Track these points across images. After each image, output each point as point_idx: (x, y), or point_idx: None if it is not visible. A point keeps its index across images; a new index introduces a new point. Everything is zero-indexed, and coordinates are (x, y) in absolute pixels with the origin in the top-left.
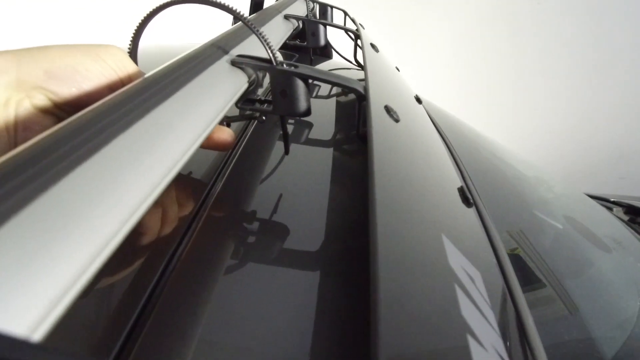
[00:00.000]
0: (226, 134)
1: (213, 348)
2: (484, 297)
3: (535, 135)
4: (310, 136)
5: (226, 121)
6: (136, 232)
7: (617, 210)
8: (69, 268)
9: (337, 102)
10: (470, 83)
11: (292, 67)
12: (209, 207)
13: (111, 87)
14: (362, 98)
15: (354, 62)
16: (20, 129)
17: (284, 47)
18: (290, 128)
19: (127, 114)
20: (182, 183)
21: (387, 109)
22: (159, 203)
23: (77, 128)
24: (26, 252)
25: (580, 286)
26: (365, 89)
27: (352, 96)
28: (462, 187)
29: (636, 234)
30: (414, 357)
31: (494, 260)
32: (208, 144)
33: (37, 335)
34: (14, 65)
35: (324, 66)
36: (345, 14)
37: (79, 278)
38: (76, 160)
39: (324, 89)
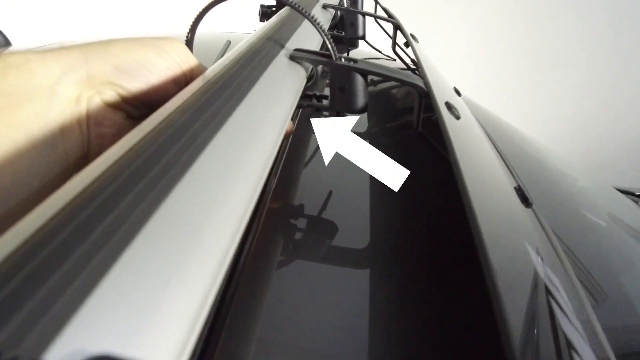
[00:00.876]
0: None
1: (280, 348)
2: (569, 312)
3: (553, 126)
4: (365, 131)
5: None
6: None
7: None
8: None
9: (391, 97)
10: (489, 73)
11: (351, 62)
12: (267, 206)
13: (176, 81)
14: (424, 94)
15: (392, 53)
16: (92, 124)
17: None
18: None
19: (210, 120)
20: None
21: (448, 106)
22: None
23: (165, 140)
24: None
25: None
26: (427, 84)
27: (400, 91)
28: (518, 186)
29: None
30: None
31: (558, 260)
32: None
33: None
34: (82, 62)
35: (359, 54)
36: (377, 2)
37: (203, 307)
38: (173, 178)
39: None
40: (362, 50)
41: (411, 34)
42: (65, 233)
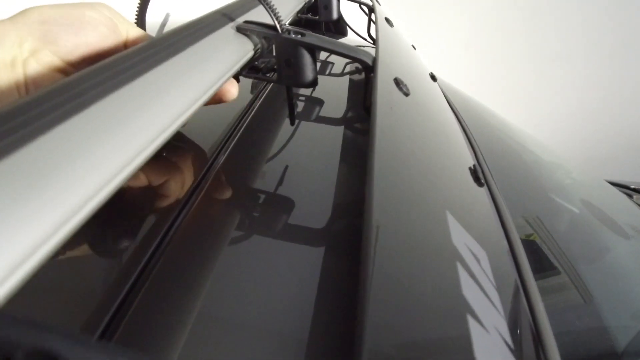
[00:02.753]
0: (231, 85)
1: (205, 323)
2: (490, 278)
3: (554, 119)
4: (319, 108)
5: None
6: (135, 200)
7: (638, 197)
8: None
9: (350, 79)
10: (489, 66)
11: (298, 36)
12: (212, 178)
13: (112, 33)
14: (369, 69)
15: (368, 38)
16: (31, 88)
17: (298, 23)
18: (302, 100)
19: (126, 71)
20: (188, 151)
21: (397, 82)
22: (161, 171)
23: (72, 83)
24: None
25: (596, 274)
26: (374, 60)
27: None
28: (474, 166)
29: None
30: (410, 344)
31: (505, 242)
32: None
33: None
34: (10, 26)
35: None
36: None
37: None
38: (64, 113)
39: (340, 64)
40: (348, 39)
41: (386, 18)
42: None
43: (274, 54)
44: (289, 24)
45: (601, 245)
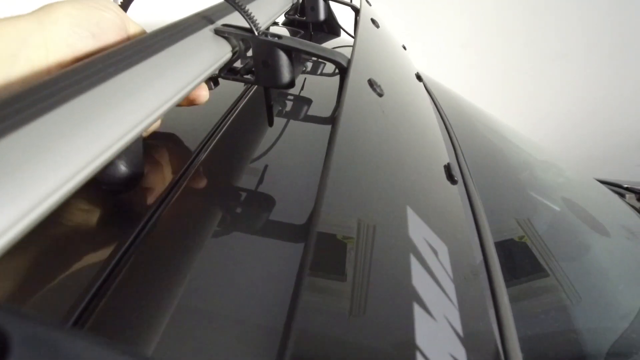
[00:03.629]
0: (202, 89)
1: (180, 314)
2: (449, 275)
3: (551, 119)
4: (300, 110)
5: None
6: (111, 196)
7: (630, 196)
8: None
9: (333, 78)
10: (487, 65)
11: (275, 38)
12: (190, 177)
13: (121, 33)
14: (344, 71)
15: (353, 35)
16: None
17: (291, 24)
18: (286, 101)
19: (103, 71)
20: (169, 148)
21: (371, 83)
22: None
23: (51, 81)
24: None
25: (578, 275)
26: (349, 61)
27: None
28: (448, 164)
29: None
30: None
31: (476, 239)
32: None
33: None
34: (37, 27)
35: (327, 43)
36: None
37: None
38: (42, 109)
39: (329, 66)
40: (340, 39)
41: (372, 19)
42: None
43: (252, 55)
44: (282, 24)
45: (583, 246)
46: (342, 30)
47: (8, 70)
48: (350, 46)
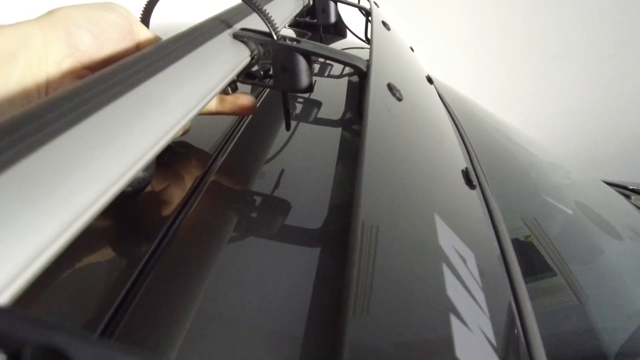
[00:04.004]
0: (247, 100)
1: (203, 322)
2: (477, 280)
3: (553, 119)
4: (315, 114)
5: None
6: (136, 203)
7: (636, 198)
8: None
9: (348, 82)
10: (488, 65)
11: (294, 43)
12: (209, 182)
13: (127, 37)
14: (363, 75)
15: (366, 41)
16: (51, 90)
17: (297, 25)
18: (299, 105)
19: (125, 80)
20: (188, 155)
21: (390, 87)
22: (160, 176)
23: (74, 92)
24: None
25: (589, 275)
26: (368, 66)
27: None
28: (466, 168)
29: None
30: (396, 345)
31: (495, 244)
32: (233, 110)
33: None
34: (37, 29)
35: (336, 45)
36: None
37: (52, 245)
38: (68, 122)
39: (337, 68)
40: (348, 40)
41: (383, 21)
42: None
43: (271, 60)
44: (288, 26)
45: (594, 247)
46: (348, 32)
47: (7, 71)
48: (359, 48)
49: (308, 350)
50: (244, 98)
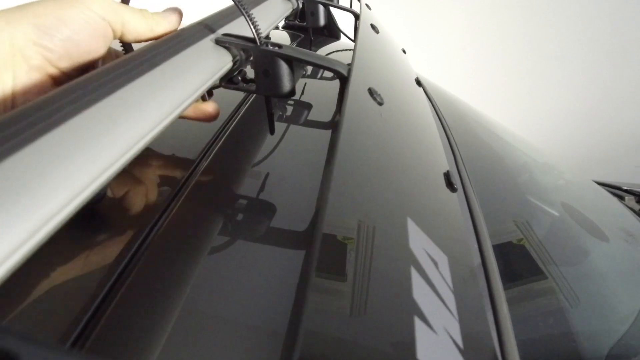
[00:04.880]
0: (211, 107)
1: (180, 327)
2: (449, 283)
3: (549, 120)
4: (301, 117)
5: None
6: (116, 205)
7: (630, 198)
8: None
9: (331, 83)
10: (485, 67)
11: (276, 48)
12: (191, 186)
13: (101, 35)
14: (344, 80)
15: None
16: (19, 93)
17: (290, 28)
18: (286, 108)
19: (103, 87)
20: (171, 157)
21: (371, 91)
22: (140, 180)
23: (52, 98)
24: None
25: (578, 278)
26: (349, 70)
27: None
28: (448, 171)
29: None
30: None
31: (475, 246)
32: (196, 115)
33: None
34: (4, 24)
35: (327, 47)
36: None
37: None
38: (47, 125)
39: (327, 72)
40: (340, 43)
41: (372, 24)
42: None
43: (253, 65)
44: (282, 28)
45: (578, 248)
46: (342, 34)
47: None
48: (350, 50)
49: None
50: (208, 105)
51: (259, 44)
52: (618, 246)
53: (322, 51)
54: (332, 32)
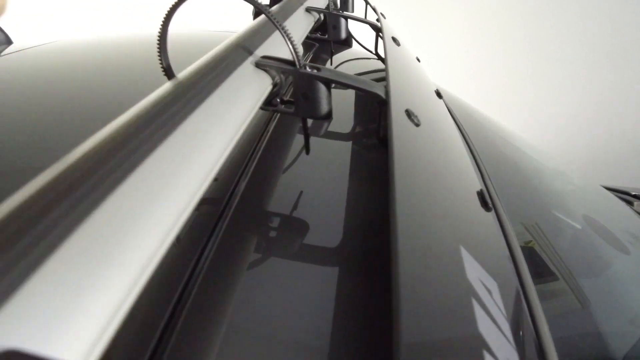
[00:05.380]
0: None
1: (238, 345)
2: (499, 304)
3: (556, 123)
4: (332, 136)
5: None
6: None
7: (639, 204)
8: (116, 292)
9: (359, 101)
10: (489, 70)
11: (315, 71)
12: (234, 207)
13: None
14: (383, 103)
15: (374, 53)
16: None
17: (310, 39)
18: (312, 125)
19: (161, 127)
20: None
21: (408, 113)
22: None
23: (114, 143)
24: (75, 280)
25: (593, 283)
26: (387, 92)
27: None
28: (481, 190)
29: None
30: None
31: (511, 266)
32: None
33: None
34: None
35: (345, 56)
36: (367, 2)
37: (125, 301)
38: (113, 182)
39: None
40: (355, 51)
41: (393, 37)
42: None
43: (292, 87)
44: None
45: (597, 255)
46: (354, 41)
47: None
48: (365, 58)
49: None
50: None
51: (298, 67)
52: (629, 251)
53: (346, 65)
54: (345, 41)
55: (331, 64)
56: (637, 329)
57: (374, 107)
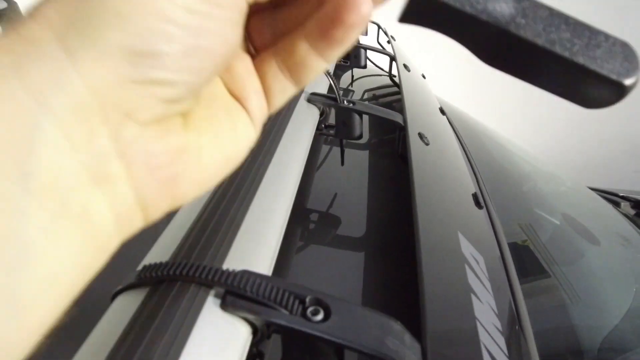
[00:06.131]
0: None
1: None
2: (486, 281)
3: (547, 126)
4: (358, 152)
5: None
6: None
7: (625, 204)
8: None
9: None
10: (481, 72)
11: (351, 104)
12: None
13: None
14: (401, 128)
15: (388, 75)
16: (137, 173)
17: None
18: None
19: (265, 156)
20: None
21: (420, 136)
22: None
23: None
24: None
25: (572, 279)
26: (404, 120)
27: None
28: (475, 193)
29: (637, 228)
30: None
31: (498, 252)
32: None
33: None
34: (84, 91)
35: (359, 73)
36: (379, 27)
37: None
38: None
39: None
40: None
41: (404, 64)
42: None
43: (335, 116)
44: None
45: (576, 252)
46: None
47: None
48: (374, 75)
49: None
50: None
51: (339, 102)
52: (613, 251)
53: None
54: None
55: (351, 86)
56: (614, 321)
57: (392, 129)
